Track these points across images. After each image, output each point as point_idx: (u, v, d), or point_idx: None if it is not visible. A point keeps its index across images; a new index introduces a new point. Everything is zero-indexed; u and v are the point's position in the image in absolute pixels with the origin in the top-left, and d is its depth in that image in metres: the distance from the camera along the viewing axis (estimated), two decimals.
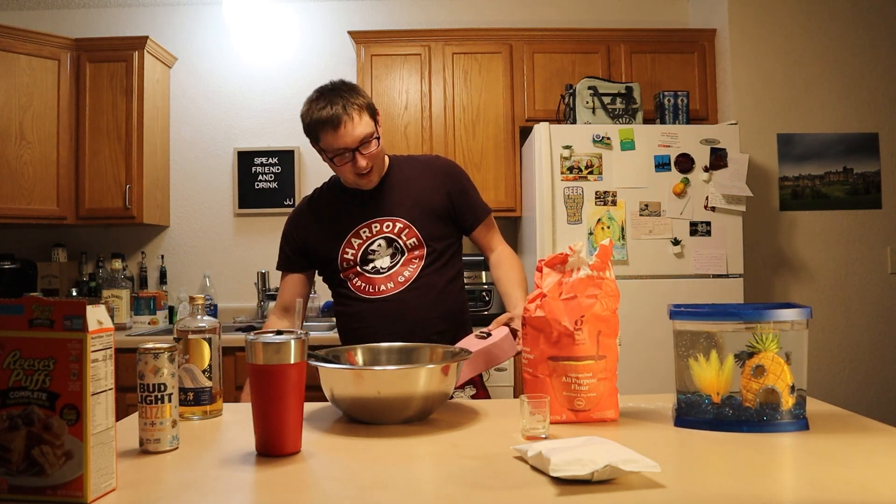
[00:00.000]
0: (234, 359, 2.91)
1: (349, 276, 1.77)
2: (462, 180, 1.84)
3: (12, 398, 0.86)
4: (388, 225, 1.75)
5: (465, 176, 1.86)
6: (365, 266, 1.76)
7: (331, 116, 1.63)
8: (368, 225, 1.76)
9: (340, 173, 1.74)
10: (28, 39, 3.28)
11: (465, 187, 1.82)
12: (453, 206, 1.80)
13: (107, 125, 3.41)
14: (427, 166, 1.85)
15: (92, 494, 0.85)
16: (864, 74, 3.41)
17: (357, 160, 1.67)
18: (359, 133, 1.65)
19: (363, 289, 1.74)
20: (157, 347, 1.09)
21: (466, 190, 1.83)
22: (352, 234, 1.76)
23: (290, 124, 3.77)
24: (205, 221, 3.78)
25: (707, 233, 3.00)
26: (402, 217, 1.75)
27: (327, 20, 3.80)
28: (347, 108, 1.63)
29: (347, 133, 1.64)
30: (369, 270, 1.75)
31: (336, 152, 1.67)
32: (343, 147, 1.65)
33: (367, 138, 1.66)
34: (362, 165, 1.67)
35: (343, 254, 1.77)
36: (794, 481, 0.96)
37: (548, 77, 3.45)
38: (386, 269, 1.73)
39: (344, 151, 1.66)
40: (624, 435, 1.14)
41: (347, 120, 1.63)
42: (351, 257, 1.76)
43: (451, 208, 1.79)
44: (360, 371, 1.28)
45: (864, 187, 3.41)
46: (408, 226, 1.74)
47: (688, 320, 1.21)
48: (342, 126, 1.63)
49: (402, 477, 0.95)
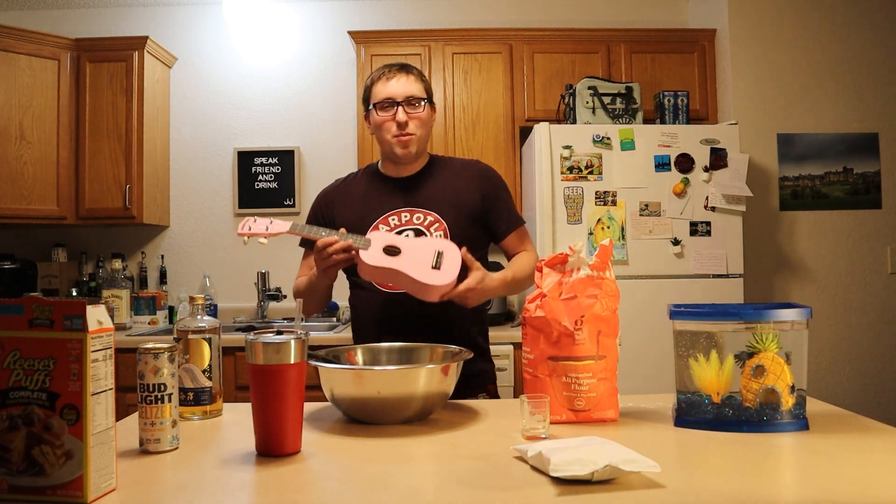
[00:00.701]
0: (234, 359, 2.91)
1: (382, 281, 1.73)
2: (499, 187, 1.83)
3: (12, 398, 0.86)
4: (419, 217, 1.73)
5: (502, 183, 1.85)
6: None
7: (389, 68, 1.75)
8: (398, 213, 1.74)
9: (381, 133, 1.74)
10: (28, 39, 3.29)
11: (500, 194, 1.81)
12: (486, 211, 1.78)
13: (107, 125, 3.41)
14: (466, 168, 1.85)
15: (92, 494, 0.85)
16: (864, 74, 3.41)
17: (399, 113, 1.70)
18: (409, 89, 1.72)
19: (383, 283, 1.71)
20: (157, 347, 1.09)
21: (502, 197, 1.81)
22: (381, 220, 1.74)
23: (290, 124, 3.77)
24: (205, 221, 3.78)
25: (707, 233, 3.00)
26: (435, 211, 1.73)
27: (327, 20, 3.80)
28: (407, 69, 1.75)
29: (399, 84, 1.72)
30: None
31: (382, 103, 1.71)
32: (390, 96, 1.71)
33: (415, 98, 1.72)
34: (402, 120, 1.70)
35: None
36: (794, 481, 0.96)
37: (548, 77, 3.45)
38: None
39: (390, 102, 1.71)
40: (624, 435, 1.14)
41: (402, 75, 1.73)
42: None
43: (484, 212, 1.78)
44: (360, 371, 1.28)
45: (864, 187, 3.41)
46: (439, 220, 1.72)
47: (688, 320, 1.21)
48: (395, 77, 1.72)
49: (402, 477, 0.95)
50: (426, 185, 1.78)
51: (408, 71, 1.75)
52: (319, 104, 3.77)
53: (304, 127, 3.77)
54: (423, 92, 1.76)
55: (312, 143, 3.76)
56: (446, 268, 1.56)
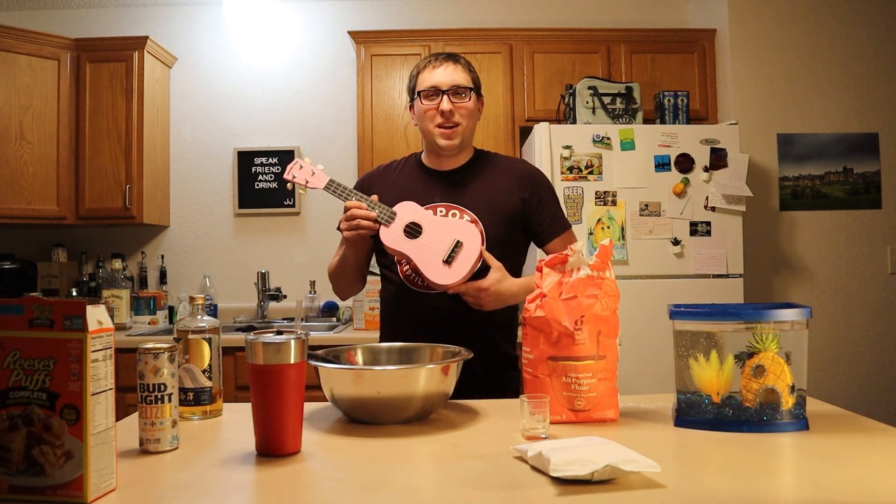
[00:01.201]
0: (234, 359, 2.91)
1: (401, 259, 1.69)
2: (542, 189, 1.76)
3: (12, 398, 0.86)
4: (454, 213, 1.68)
5: (547, 185, 1.78)
6: None
7: (436, 56, 1.72)
8: (435, 208, 1.69)
9: (424, 121, 1.70)
10: (28, 39, 3.28)
11: (543, 197, 1.74)
12: (526, 215, 1.72)
13: (107, 125, 3.41)
14: (510, 167, 1.78)
15: (92, 494, 0.85)
16: (864, 74, 3.41)
17: (444, 102, 1.66)
18: (454, 78, 1.68)
19: (412, 279, 1.67)
20: (157, 347, 1.09)
21: (545, 200, 1.75)
22: None
23: (290, 124, 3.77)
24: (205, 221, 3.78)
25: (707, 233, 3.00)
26: (472, 210, 1.68)
27: (327, 20, 3.80)
28: (454, 58, 1.71)
29: (446, 73, 1.68)
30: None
31: (427, 91, 1.68)
32: (435, 84, 1.67)
33: (460, 88, 1.68)
34: (446, 109, 1.66)
35: None
36: (794, 481, 0.96)
37: (548, 77, 3.46)
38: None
39: (434, 91, 1.67)
40: (624, 435, 1.14)
41: (449, 64, 1.69)
42: None
43: (524, 216, 1.72)
44: (360, 371, 1.28)
45: (864, 187, 3.41)
46: (475, 220, 1.67)
47: (688, 320, 1.21)
48: (441, 66, 1.69)
49: (402, 477, 0.95)
50: (467, 181, 1.73)
51: (455, 60, 1.71)
52: (319, 104, 3.77)
53: (304, 127, 3.77)
54: (470, 82, 1.71)
55: (312, 143, 3.76)
56: (457, 265, 1.56)
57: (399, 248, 1.59)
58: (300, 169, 1.68)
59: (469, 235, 1.59)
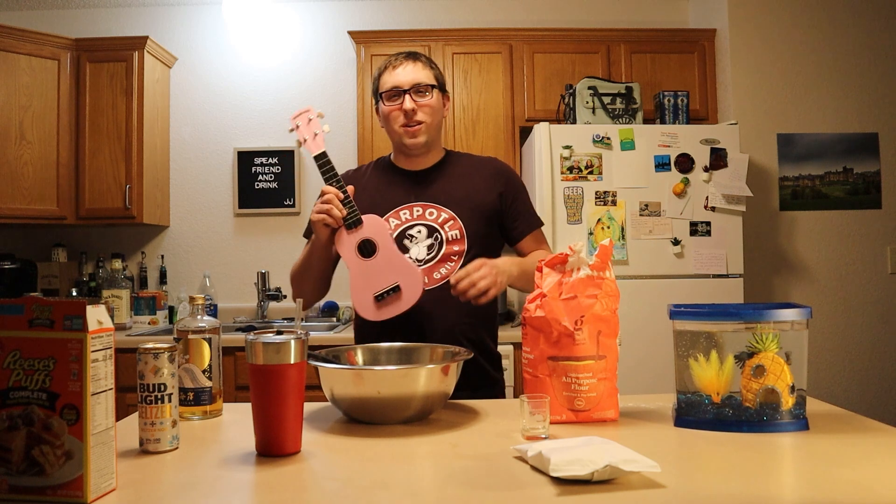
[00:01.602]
0: (234, 359, 2.91)
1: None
2: (517, 186, 1.77)
3: (12, 398, 0.86)
4: (431, 212, 1.67)
5: (520, 182, 1.79)
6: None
7: (395, 56, 1.71)
8: (411, 207, 1.68)
9: (389, 123, 1.69)
10: (28, 39, 3.28)
11: (518, 194, 1.75)
12: (503, 210, 1.72)
13: (107, 125, 3.41)
14: (483, 164, 1.78)
15: (92, 494, 0.85)
16: (864, 74, 3.41)
17: (406, 101, 1.65)
18: (416, 76, 1.67)
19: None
20: (157, 347, 1.09)
21: (520, 197, 1.76)
22: (391, 213, 1.68)
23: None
24: (205, 221, 3.78)
25: (707, 233, 3.00)
26: (449, 207, 1.67)
27: (327, 20, 3.80)
28: (414, 56, 1.70)
29: (405, 73, 1.67)
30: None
31: (389, 92, 1.67)
32: (396, 84, 1.66)
33: (422, 86, 1.67)
34: (409, 108, 1.65)
35: None
36: (794, 481, 0.96)
37: (548, 77, 3.46)
38: (421, 263, 1.63)
39: (397, 91, 1.66)
40: (624, 435, 1.14)
41: (409, 63, 1.68)
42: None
43: (501, 212, 1.72)
44: (360, 371, 1.28)
45: (864, 187, 3.41)
46: (453, 217, 1.66)
47: (688, 320, 1.21)
48: (402, 65, 1.68)
49: (402, 477, 0.95)
50: (441, 180, 1.72)
51: (415, 58, 1.70)
52: (319, 104, 3.76)
53: None
54: (433, 79, 1.70)
55: None
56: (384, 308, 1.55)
57: (345, 257, 1.58)
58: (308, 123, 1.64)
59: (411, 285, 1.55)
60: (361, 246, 1.58)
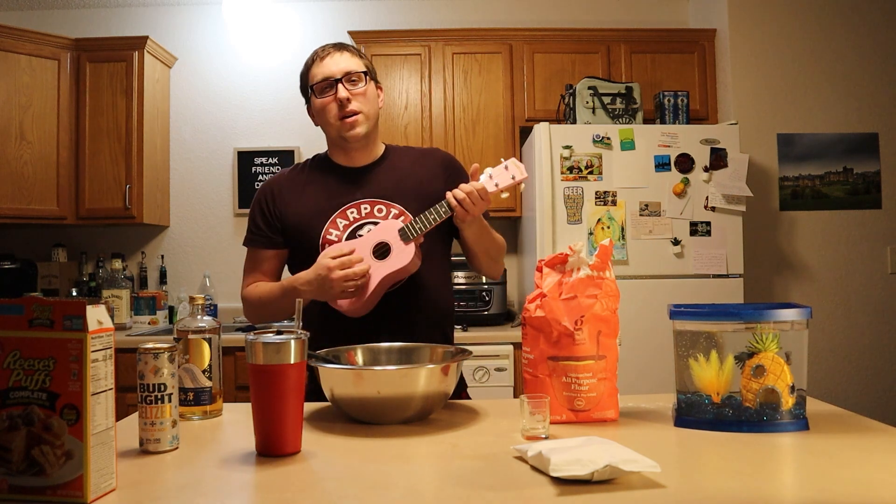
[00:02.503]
0: (234, 359, 2.91)
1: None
2: (460, 174, 1.71)
3: (12, 398, 0.86)
4: (379, 209, 1.61)
5: (463, 170, 1.73)
6: None
7: (322, 48, 1.64)
8: (357, 206, 1.61)
9: (324, 116, 1.63)
10: (28, 39, 3.29)
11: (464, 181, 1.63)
12: None
13: (107, 125, 3.41)
14: (425, 155, 1.74)
15: (92, 494, 0.85)
16: (864, 74, 3.41)
17: (339, 90, 1.58)
18: (345, 65, 1.60)
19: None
20: (157, 347, 1.09)
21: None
22: (337, 214, 1.61)
23: (290, 124, 3.77)
24: (205, 221, 3.78)
25: (707, 233, 3.00)
26: (397, 202, 1.61)
27: (327, 20, 3.80)
28: (341, 46, 1.64)
29: (334, 62, 1.60)
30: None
31: (320, 84, 1.60)
32: (328, 75, 1.59)
33: (354, 74, 1.60)
34: (343, 97, 1.58)
35: (326, 234, 1.60)
36: (794, 481, 0.96)
37: (548, 77, 3.45)
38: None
39: (328, 82, 1.59)
40: (624, 435, 1.14)
41: (336, 53, 1.62)
42: (335, 239, 1.59)
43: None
44: (360, 371, 1.28)
45: (864, 187, 3.41)
46: (403, 212, 1.60)
47: (688, 320, 1.21)
48: (329, 56, 1.61)
49: (402, 477, 0.95)
50: (385, 174, 1.66)
51: (342, 48, 1.64)
52: None
53: (304, 127, 3.76)
54: (363, 66, 1.64)
55: (312, 143, 3.75)
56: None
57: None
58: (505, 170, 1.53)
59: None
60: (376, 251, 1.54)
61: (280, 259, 1.71)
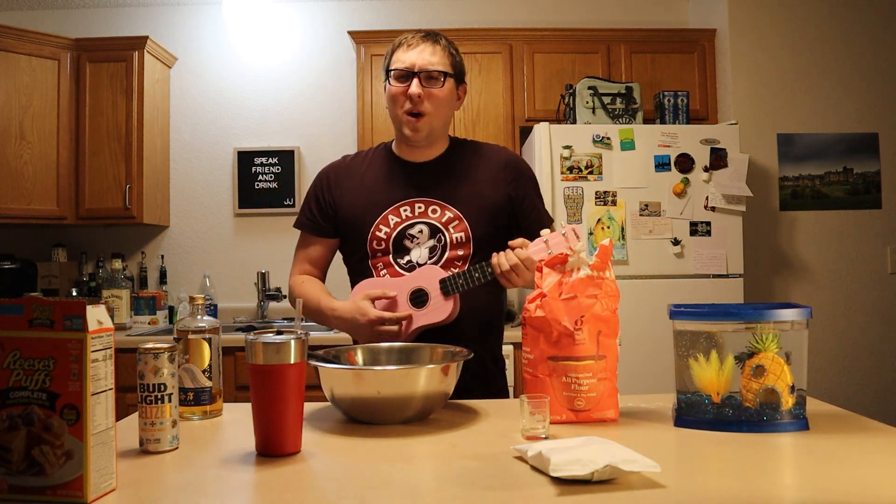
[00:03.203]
0: (234, 359, 2.91)
1: (377, 265, 1.56)
2: (528, 181, 1.63)
3: (12, 398, 0.86)
4: (434, 210, 1.54)
5: (532, 176, 1.65)
6: (398, 256, 1.55)
7: (414, 34, 1.57)
8: (411, 204, 1.55)
9: (393, 105, 1.56)
10: (28, 39, 3.28)
11: (529, 190, 1.62)
12: (513, 209, 1.59)
13: (107, 125, 3.41)
14: (492, 156, 1.63)
15: (92, 494, 0.85)
16: (864, 74, 3.41)
17: (413, 85, 1.51)
18: (429, 60, 1.53)
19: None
20: (157, 347, 1.09)
21: (531, 194, 1.62)
22: (391, 210, 1.55)
23: (290, 124, 3.77)
24: (205, 221, 3.78)
25: (707, 233, 3.00)
26: (454, 206, 1.54)
27: (327, 20, 3.80)
28: (434, 38, 1.56)
29: (419, 54, 1.53)
30: (403, 265, 1.54)
31: (399, 71, 1.53)
32: (407, 65, 1.52)
33: (434, 72, 1.53)
34: (415, 93, 1.51)
35: (376, 231, 1.55)
36: (794, 481, 0.96)
37: (548, 77, 3.45)
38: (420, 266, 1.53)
39: (405, 72, 1.53)
40: (624, 435, 1.14)
41: (426, 44, 1.54)
42: (384, 236, 1.54)
43: (511, 211, 1.59)
44: (360, 371, 1.28)
45: (864, 187, 3.41)
46: (458, 217, 1.53)
47: (688, 320, 1.21)
48: (417, 46, 1.54)
49: (402, 477, 0.95)
50: (446, 174, 1.58)
51: (434, 40, 1.55)
52: (319, 104, 3.77)
53: (304, 127, 3.77)
54: (449, 66, 1.55)
55: (312, 143, 3.76)
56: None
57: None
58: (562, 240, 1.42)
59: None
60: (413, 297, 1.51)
61: (329, 250, 1.67)
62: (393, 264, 1.56)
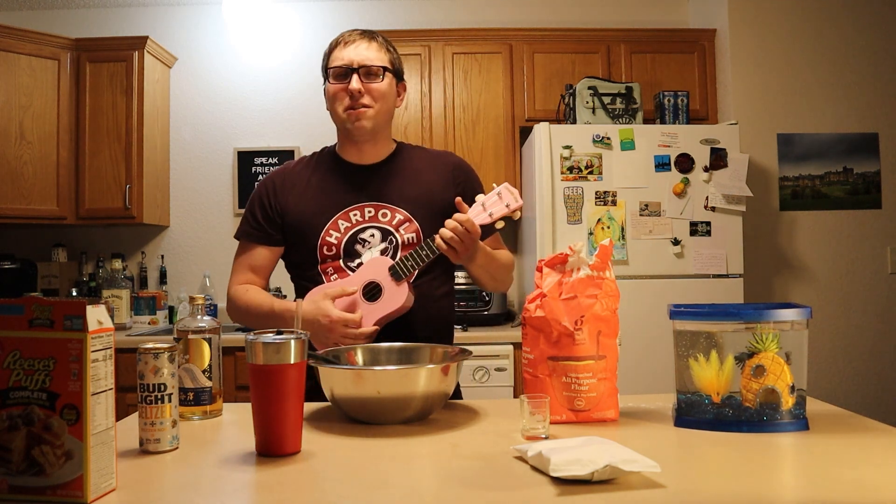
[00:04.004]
0: (234, 359, 2.91)
1: (326, 269, 1.54)
2: (475, 182, 1.65)
3: (12, 398, 0.86)
4: (384, 213, 1.55)
5: (477, 178, 1.68)
6: (349, 260, 1.54)
7: (350, 32, 1.58)
8: (361, 208, 1.55)
9: (333, 104, 1.58)
10: (28, 39, 3.29)
11: (476, 191, 1.61)
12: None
13: (107, 125, 3.41)
14: (438, 159, 1.66)
15: (92, 494, 0.85)
16: (864, 74, 3.41)
17: (353, 81, 1.52)
18: (367, 56, 1.54)
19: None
20: (157, 347, 1.09)
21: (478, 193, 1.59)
22: (340, 215, 1.55)
23: (290, 124, 3.77)
24: (205, 221, 3.78)
25: (707, 233, 3.00)
26: (404, 208, 1.55)
27: (327, 20, 3.80)
28: (370, 35, 1.58)
29: (357, 51, 1.54)
30: (354, 268, 1.53)
31: (337, 70, 1.55)
32: (346, 62, 1.54)
33: (373, 67, 1.54)
34: (355, 88, 1.52)
35: (325, 236, 1.54)
36: (794, 481, 0.96)
37: (548, 77, 3.46)
38: None
39: (344, 69, 1.54)
40: (624, 435, 1.14)
41: (363, 41, 1.56)
42: (334, 241, 1.54)
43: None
44: (360, 371, 1.28)
45: (864, 187, 3.41)
46: (409, 219, 1.54)
47: (688, 320, 1.21)
48: (354, 43, 1.56)
49: (402, 477, 0.95)
50: (394, 176, 1.59)
51: (371, 37, 1.57)
52: (319, 104, 3.72)
53: (304, 127, 3.77)
54: (387, 62, 1.57)
55: (312, 143, 3.75)
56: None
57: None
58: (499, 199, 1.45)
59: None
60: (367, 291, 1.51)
61: (274, 257, 1.67)
62: (344, 268, 1.55)
